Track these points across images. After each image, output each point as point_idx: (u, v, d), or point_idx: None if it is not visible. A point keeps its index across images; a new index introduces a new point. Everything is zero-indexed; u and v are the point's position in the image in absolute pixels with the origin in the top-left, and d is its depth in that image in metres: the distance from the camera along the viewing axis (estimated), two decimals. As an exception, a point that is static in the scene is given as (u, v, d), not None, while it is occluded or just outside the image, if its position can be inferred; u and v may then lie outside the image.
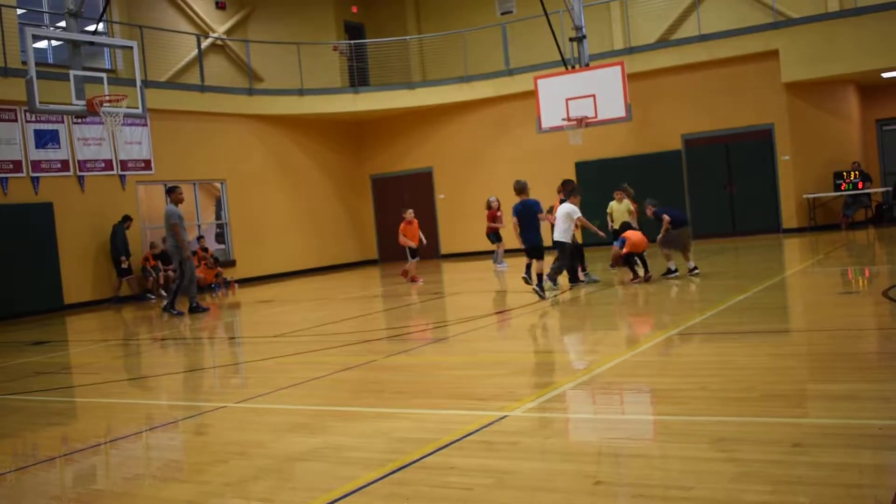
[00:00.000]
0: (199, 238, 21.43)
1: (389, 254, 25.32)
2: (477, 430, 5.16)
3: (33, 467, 5.50)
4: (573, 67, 19.81)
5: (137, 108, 15.91)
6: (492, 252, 19.45)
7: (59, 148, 18.95)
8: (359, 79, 25.27)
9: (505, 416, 5.42)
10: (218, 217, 23.53)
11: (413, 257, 17.15)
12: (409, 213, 17.60)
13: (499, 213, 18.67)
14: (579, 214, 12.61)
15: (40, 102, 14.32)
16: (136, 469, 5.34)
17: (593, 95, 19.01)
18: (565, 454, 4.73)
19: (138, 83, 15.94)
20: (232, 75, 24.56)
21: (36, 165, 18.45)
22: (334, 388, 7.33)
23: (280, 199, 23.86)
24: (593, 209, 18.84)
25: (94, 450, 5.87)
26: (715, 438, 4.55)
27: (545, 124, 19.76)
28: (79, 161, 19.29)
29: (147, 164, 20.72)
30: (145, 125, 20.32)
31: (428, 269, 16.19)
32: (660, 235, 13.02)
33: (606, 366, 6.84)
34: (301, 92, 23.83)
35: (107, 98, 15.19)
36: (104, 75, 15.92)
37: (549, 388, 6.23)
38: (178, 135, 21.25)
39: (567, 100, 19.24)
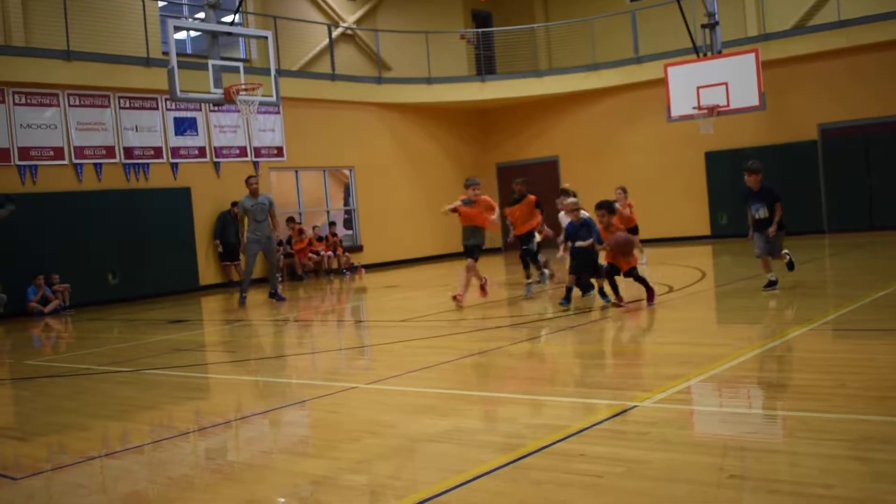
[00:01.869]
0: (331, 224, 21.92)
1: (513, 244, 25.28)
2: (605, 420, 5.13)
3: (173, 439, 5.74)
4: (705, 55, 19.36)
5: (271, 96, 16.32)
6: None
7: (197, 135, 19.67)
8: (486, 67, 25.30)
9: (634, 407, 5.37)
10: (346, 203, 23.98)
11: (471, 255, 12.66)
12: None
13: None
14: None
15: (181, 91, 14.86)
16: (270, 444, 5.52)
17: (725, 84, 18.55)
18: (697, 446, 4.66)
19: (272, 72, 16.35)
20: (361, 64, 24.96)
21: (175, 152, 19.21)
22: (461, 372, 7.40)
23: (406, 186, 24.14)
24: (726, 203, 18.46)
25: (229, 424, 6.09)
26: (856, 437, 4.41)
27: (675, 113, 19.40)
28: (215, 147, 19.98)
29: (279, 151, 21.29)
30: (278, 113, 20.86)
31: (552, 260, 16.07)
32: None
33: (739, 359, 6.69)
34: (429, 81, 24.03)
35: (243, 87, 15.64)
36: (240, 64, 16.42)
37: (679, 380, 6.14)
38: (308, 122, 21.75)
39: (698, 88, 18.83)
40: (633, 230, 15.39)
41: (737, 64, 18.57)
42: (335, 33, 24.01)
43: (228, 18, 18.60)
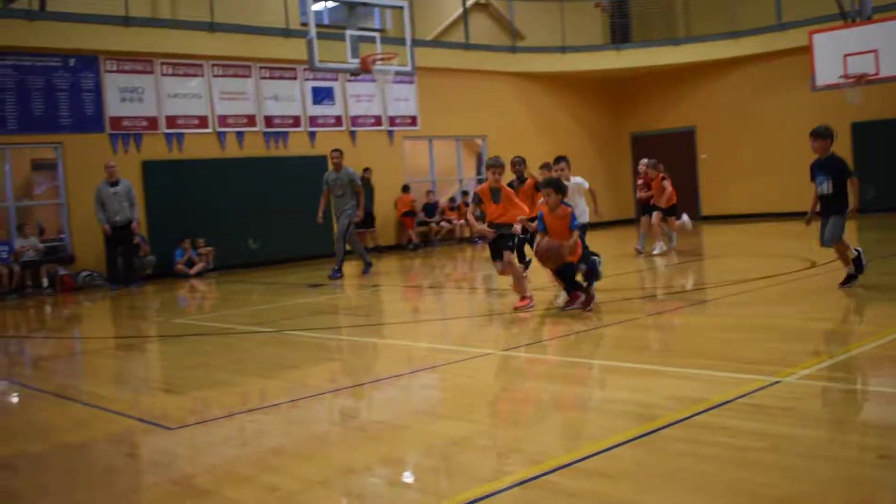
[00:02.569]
0: (463, 193, 22.08)
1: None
2: (748, 394, 5.03)
3: (313, 398, 5.92)
4: (853, 21, 18.50)
5: (406, 66, 16.47)
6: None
7: (334, 104, 20.07)
8: (621, 35, 24.87)
9: (778, 382, 5.24)
10: (478, 173, 24.06)
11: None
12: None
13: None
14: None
15: (319, 61, 15.15)
16: (410, 405, 5.63)
17: (875, 51, 17.66)
18: (844, 424, 4.52)
19: (408, 42, 16.50)
20: (495, 33, 24.88)
21: (313, 121, 19.66)
22: (597, 342, 7.37)
23: (539, 155, 23.81)
24: (874, 176, 17.65)
25: (366, 385, 6.25)
26: None
27: (820, 82, 18.61)
28: (351, 117, 20.35)
29: (413, 121, 21.51)
30: (412, 83, 21.04)
31: (688, 231, 15.75)
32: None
33: (888, 338, 6.44)
34: (563, 49, 23.79)
35: (379, 56, 15.84)
36: (376, 35, 16.62)
37: (825, 357, 5.95)
38: (442, 92, 21.86)
39: (845, 56, 18.02)
40: (671, 209, 14.88)
41: (889, 30, 17.67)
42: (469, 2, 23.98)
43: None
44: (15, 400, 6.91)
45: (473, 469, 4.04)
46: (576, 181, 10.61)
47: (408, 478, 4.02)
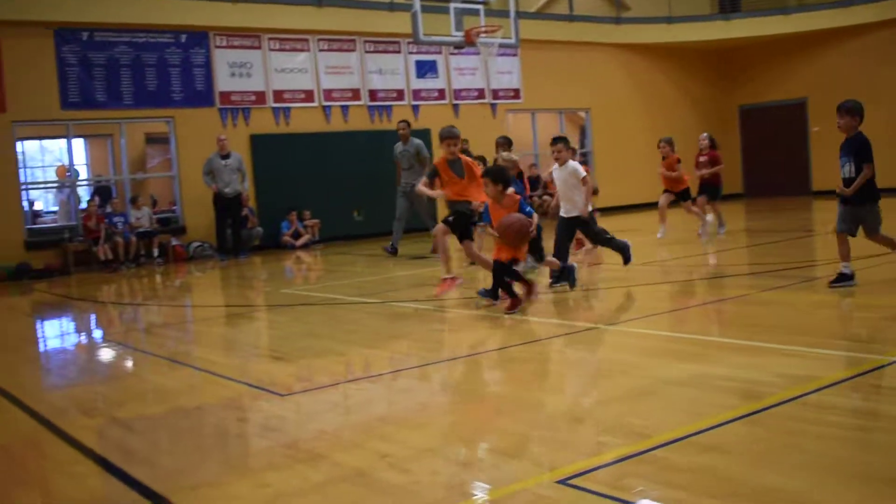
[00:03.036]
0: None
1: (756, 188, 24.41)
2: (861, 374, 4.89)
3: (420, 368, 6.01)
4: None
5: (510, 38, 16.42)
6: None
7: (437, 77, 20.13)
8: (730, 5, 24.21)
9: (893, 362, 5.09)
10: (581, 146, 23.83)
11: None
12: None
13: (701, 158, 14.17)
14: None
15: (423, 35, 15.21)
16: (510, 377, 5.66)
17: None
18: (966, 406, 4.37)
19: (512, 14, 16.44)
20: (599, 4, 24.50)
21: (416, 94, 19.77)
22: (706, 318, 7.27)
23: (644, 128, 23.64)
24: None
25: (474, 356, 6.30)
26: None
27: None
28: (454, 90, 20.38)
29: (516, 94, 21.43)
30: (515, 55, 20.94)
31: (797, 207, 15.34)
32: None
33: None
34: (669, 20, 23.30)
35: (483, 29, 15.82)
36: (480, 7, 16.57)
37: (944, 336, 5.74)
38: (545, 64, 21.69)
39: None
40: (684, 193, 13.64)
41: None
42: (574, -27, 23.70)
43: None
44: (131, 364, 7.20)
45: (577, 442, 4.05)
46: (570, 167, 9.23)
47: (512, 448, 4.05)
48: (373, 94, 19.20)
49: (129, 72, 16.50)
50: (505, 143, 11.76)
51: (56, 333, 9.94)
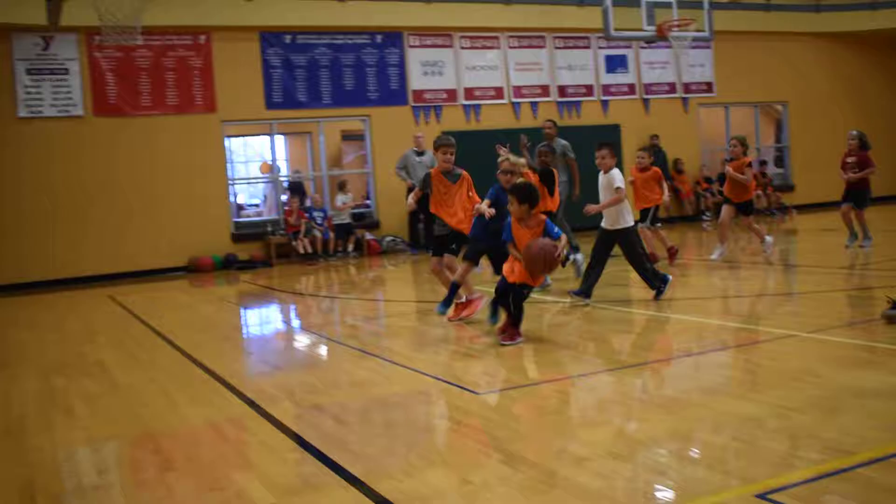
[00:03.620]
0: (761, 162, 21.26)
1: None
2: None
3: (604, 372, 6.05)
4: None
5: (704, 31, 16.06)
6: None
7: (627, 72, 19.94)
8: (944, -12, 22.71)
9: None
10: (777, 140, 23.01)
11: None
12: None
13: (849, 159, 12.41)
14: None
15: (614, 30, 15.12)
16: (700, 382, 5.61)
17: None
18: None
19: (705, 6, 16.08)
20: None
21: (605, 89, 19.67)
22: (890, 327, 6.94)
23: (846, 122, 22.50)
24: None
25: (664, 361, 6.28)
26: None
27: None
28: (644, 84, 20.13)
29: (709, 87, 20.95)
30: (709, 48, 20.45)
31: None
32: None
33: None
34: (873, 6, 22.08)
35: (675, 23, 15.56)
36: (672, 0, 16.29)
37: None
38: (739, 56, 21.08)
39: None
40: (747, 205, 11.79)
41: None
42: (772, -40, 22.87)
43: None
44: (329, 354, 7.58)
45: (772, 454, 3.99)
46: (610, 176, 8.77)
47: (707, 457, 4.05)
48: (562, 90, 19.24)
49: (328, 72, 17.25)
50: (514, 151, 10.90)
51: (260, 322, 10.56)
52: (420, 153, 16.30)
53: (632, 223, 8.75)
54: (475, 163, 17.65)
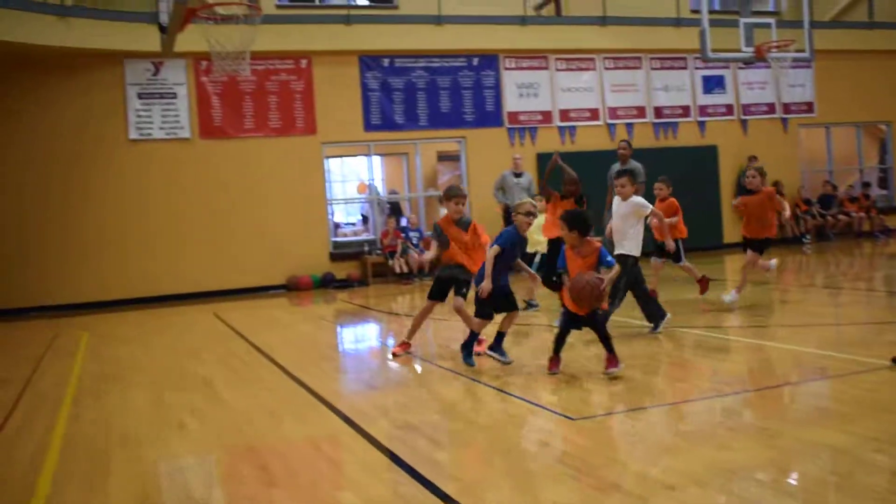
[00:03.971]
0: (864, 184, 20.77)
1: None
2: None
3: (697, 401, 6.06)
4: None
5: (804, 50, 15.83)
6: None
7: (725, 93, 19.75)
8: None
9: None
10: (882, 161, 22.42)
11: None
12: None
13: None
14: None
15: (711, 51, 15.03)
16: (800, 413, 5.58)
17: None
18: None
19: (806, 26, 15.86)
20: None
21: (702, 110, 19.52)
22: None
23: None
24: None
25: (756, 390, 6.26)
26: None
27: None
28: (742, 105, 19.91)
29: (809, 107, 20.60)
30: (809, 67, 20.10)
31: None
32: None
33: None
34: None
35: (774, 44, 15.38)
36: (772, 21, 16.14)
37: None
38: (841, 75, 20.66)
39: None
40: (764, 242, 10.42)
41: None
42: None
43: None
44: (422, 374, 7.74)
45: (864, 487, 3.98)
46: (634, 202, 8.52)
47: (790, 485, 4.06)
48: (658, 111, 19.17)
49: (425, 94, 17.56)
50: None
51: (356, 341, 10.81)
52: (518, 174, 16.40)
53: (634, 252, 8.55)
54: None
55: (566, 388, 6.60)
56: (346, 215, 23.10)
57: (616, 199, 8.65)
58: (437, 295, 8.32)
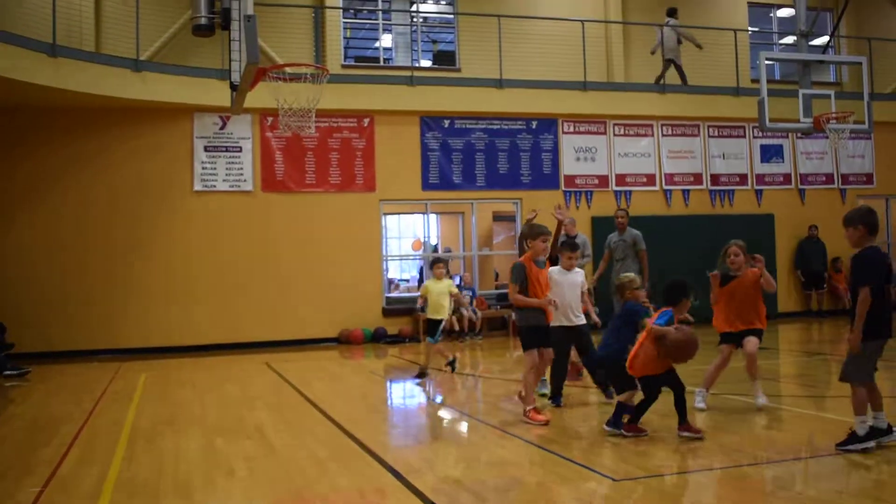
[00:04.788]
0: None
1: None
2: None
3: (743, 467, 6.07)
4: None
5: (863, 122, 15.81)
6: None
7: (783, 162, 19.76)
8: None
9: None
10: (941, 235, 22.11)
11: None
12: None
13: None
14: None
15: (769, 121, 15.09)
16: (842, 484, 5.58)
17: None
18: None
19: (865, 98, 15.85)
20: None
21: (760, 178, 19.52)
22: None
23: None
24: None
25: (809, 459, 6.25)
26: None
27: None
28: (800, 174, 19.87)
29: (869, 178, 20.47)
30: (868, 138, 20.04)
31: None
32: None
33: None
34: None
35: (833, 115, 15.40)
36: (831, 92, 16.18)
37: None
38: (902, 148, 20.54)
39: None
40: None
41: None
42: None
43: (821, 40, 18.38)
44: (471, 432, 7.83)
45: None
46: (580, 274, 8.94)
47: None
48: (714, 179, 19.21)
49: (483, 155, 17.84)
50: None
51: (405, 396, 10.93)
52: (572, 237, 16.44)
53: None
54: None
55: (612, 448, 6.64)
56: (400, 272, 23.37)
57: (556, 269, 8.68)
58: (547, 343, 8.07)
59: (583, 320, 8.85)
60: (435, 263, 10.96)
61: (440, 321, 11.30)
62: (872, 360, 6.41)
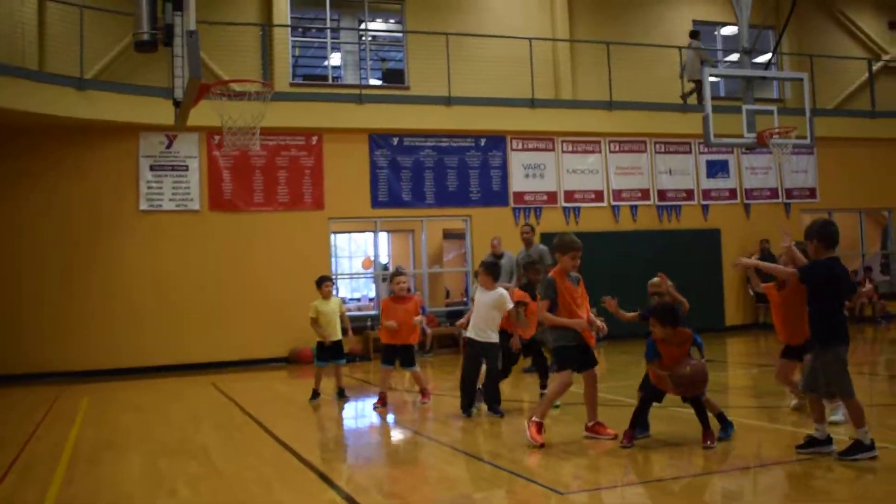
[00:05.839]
0: (866, 269, 20.86)
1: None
2: None
3: (698, 476, 6.08)
4: None
5: (806, 138, 16.05)
6: None
7: (728, 177, 20.02)
8: None
9: None
10: (884, 246, 22.56)
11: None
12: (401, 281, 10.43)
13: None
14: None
15: (714, 136, 15.27)
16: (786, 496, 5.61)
17: None
18: None
19: (807, 113, 16.10)
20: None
21: (706, 194, 19.76)
22: None
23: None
24: None
25: (749, 469, 6.27)
26: None
27: None
28: (745, 189, 20.15)
29: (812, 193, 20.82)
30: (811, 153, 20.39)
31: None
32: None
33: None
34: None
35: (776, 130, 15.62)
36: (774, 108, 16.39)
37: None
38: (844, 162, 20.93)
39: None
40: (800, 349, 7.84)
41: None
42: (876, 67, 22.79)
43: (764, 58, 18.68)
44: (421, 451, 7.76)
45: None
46: (501, 294, 8.97)
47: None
48: (661, 194, 19.40)
49: (432, 173, 17.84)
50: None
51: (355, 416, 10.81)
52: (497, 256, 16.32)
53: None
54: (582, 268, 17.97)
55: (564, 463, 6.61)
56: (350, 291, 23.23)
57: (480, 290, 8.94)
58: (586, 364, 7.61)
59: (494, 339, 8.92)
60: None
61: (338, 342, 11.07)
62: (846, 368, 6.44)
